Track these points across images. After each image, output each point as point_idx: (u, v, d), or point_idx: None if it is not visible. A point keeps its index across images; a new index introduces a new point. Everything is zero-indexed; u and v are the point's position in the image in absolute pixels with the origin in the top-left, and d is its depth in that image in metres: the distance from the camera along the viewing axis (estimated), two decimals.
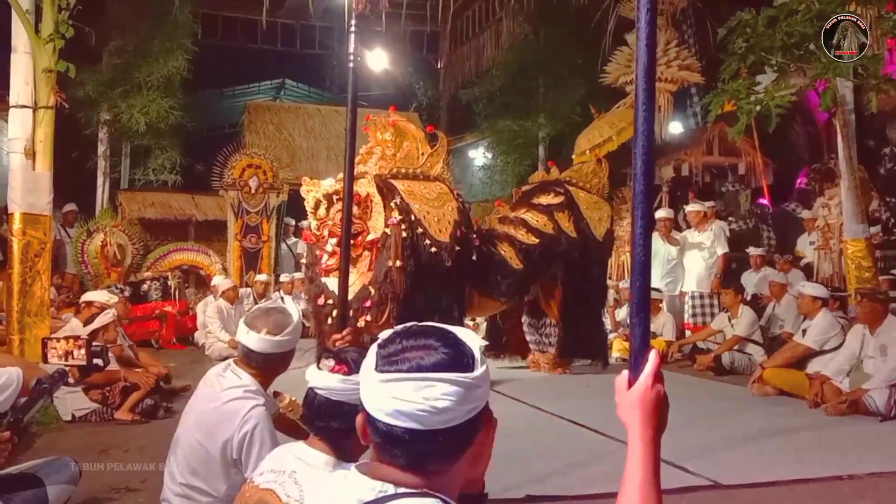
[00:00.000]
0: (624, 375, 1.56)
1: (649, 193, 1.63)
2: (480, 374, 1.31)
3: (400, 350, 1.33)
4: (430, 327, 1.39)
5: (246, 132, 13.90)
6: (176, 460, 2.92)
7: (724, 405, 6.63)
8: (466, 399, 1.29)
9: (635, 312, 1.60)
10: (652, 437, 1.51)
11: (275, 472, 2.15)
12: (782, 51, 7.61)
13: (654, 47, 1.67)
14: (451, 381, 1.27)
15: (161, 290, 11.46)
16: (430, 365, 1.29)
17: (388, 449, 1.32)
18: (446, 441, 1.29)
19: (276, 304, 3.03)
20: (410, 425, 1.28)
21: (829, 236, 9.32)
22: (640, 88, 1.65)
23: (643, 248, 1.62)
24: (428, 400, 1.26)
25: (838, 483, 4.26)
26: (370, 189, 6.78)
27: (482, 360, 1.34)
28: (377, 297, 6.58)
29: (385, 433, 1.31)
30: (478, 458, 1.38)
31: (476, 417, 1.32)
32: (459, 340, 1.35)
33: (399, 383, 1.28)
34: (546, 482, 4.27)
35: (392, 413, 1.28)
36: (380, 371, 1.32)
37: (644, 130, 1.64)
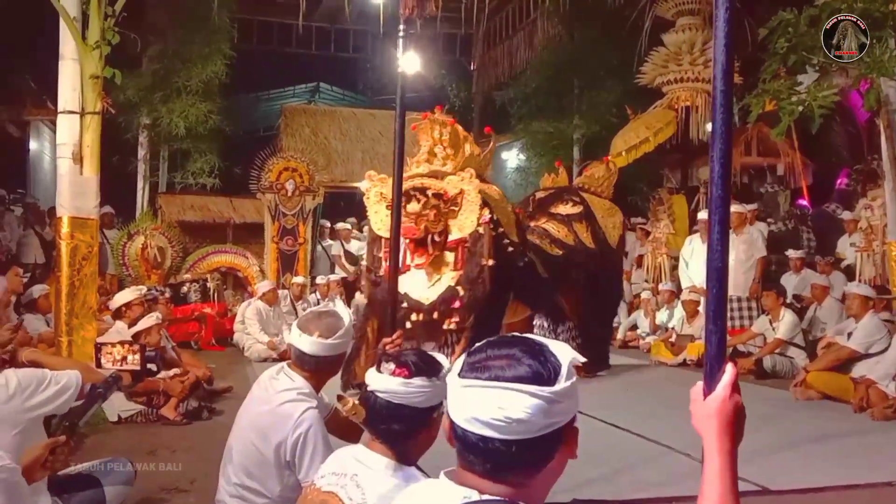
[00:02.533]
0: (699, 386, 1.55)
1: (727, 199, 1.62)
2: (562, 390, 1.31)
3: (484, 359, 1.35)
4: (521, 338, 1.40)
5: (282, 135, 14.04)
6: (230, 461, 2.95)
7: (768, 409, 6.54)
8: (545, 413, 1.29)
9: (711, 320, 1.60)
10: (729, 449, 1.50)
11: (336, 474, 2.17)
12: (823, 50, 7.51)
13: (731, 48, 1.65)
14: (529, 392, 1.28)
15: (200, 292, 11.58)
16: (510, 376, 1.30)
17: (465, 454, 1.35)
18: (522, 452, 1.30)
19: (327, 308, 3.06)
20: (485, 432, 1.30)
21: (872, 238, 9.16)
22: (717, 90, 1.64)
23: (720, 254, 1.61)
24: (503, 409, 1.28)
25: (888, 489, 4.20)
26: (465, 186, 6.50)
27: (569, 375, 1.34)
28: (467, 298, 6.35)
29: (461, 438, 1.34)
30: (557, 473, 1.39)
31: (557, 432, 1.32)
32: (547, 354, 1.35)
33: (477, 390, 1.31)
34: (592, 487, 4.24)
35: (469, 419, 1.31)
36: (462, 377, 1.35)
37: (721, 134, 1.63)
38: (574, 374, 1.36)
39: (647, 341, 10.38)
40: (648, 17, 12.74)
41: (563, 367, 1.34)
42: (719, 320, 1.59)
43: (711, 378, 1.55)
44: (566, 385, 1.32)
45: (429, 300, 6.40)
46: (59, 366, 3.08)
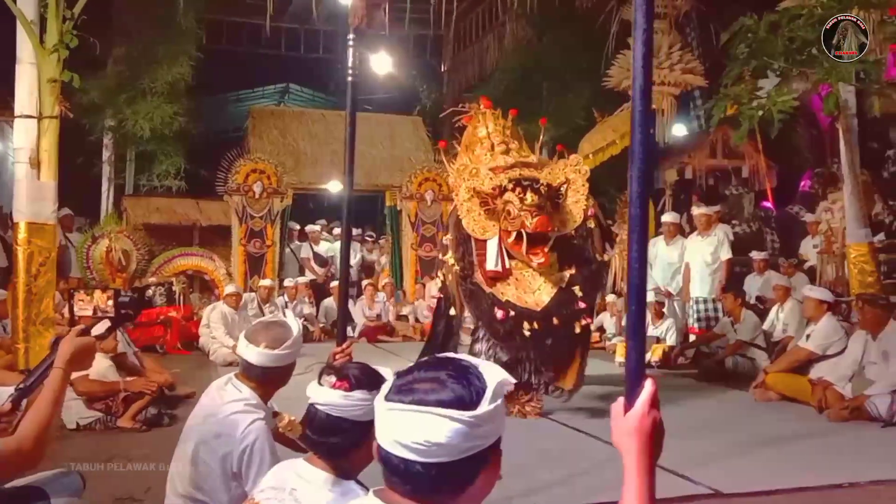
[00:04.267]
0: (619, 402, 1.57)
1: (645, 218, 1.65)
2: (484, 414, 1.31)
3: (411, 381, 1.36)
4: (450, 360, 1.41)
5: (250, 137, 13.93)
6: (178, 472, 2.94)
7: (727, 411, 6.63)
8: (466, 436, 1.29)
9: (630, 336, 1.61)
10: (648, 466, 1.51)
11: (275, 489, 2.17)
12: (785, 56, 7.61)
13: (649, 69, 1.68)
14: (450, 417, 1.29)
15: (166, 295, 11.48)
16: (433, 400, 1.30)
17: (388, 475, 1.37)
18: (443, 474, 1.31)
19: (276, 318, 3.04)
20: (406, 455, 1.30)
21: (833, 240, 9.31)
22: (635, 111, 1.67)
23: (639, 271, 1.63)
24: (424, 434, 1.28)
25: (839, 491, 4.27)
26: (571, 175, 6.02)
27: (493, 398, 1.33)
28: (589, 299, 5.96)
29: (385, 459, 1.35)
30: (481, 496, 1.39)
31: (479, 454, 1.33)
32: (473, 376, 1.35)
33: (399, 413, 1.32)
34: (549, 491, 4.28)
35: (391, 442, 1.32)
36: (387, 399, 1.35)
37: (640, 154, 1.66)
38: (500, 397, 1.36)
39: (613, 343, 10.46)
40: (615, 20, 12.82)
41: (488, 390, 1.34)
42: (638, 336, 1.61)
43: (631, 394, 1.56)
44: (489, 409, 1.32)
45: (540, 306, 5.90)
46: None
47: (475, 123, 6.85)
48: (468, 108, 7.21)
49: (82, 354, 2.30)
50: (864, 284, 7.78)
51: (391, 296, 12.98)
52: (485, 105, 6.99)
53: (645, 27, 1.67)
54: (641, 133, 1.64)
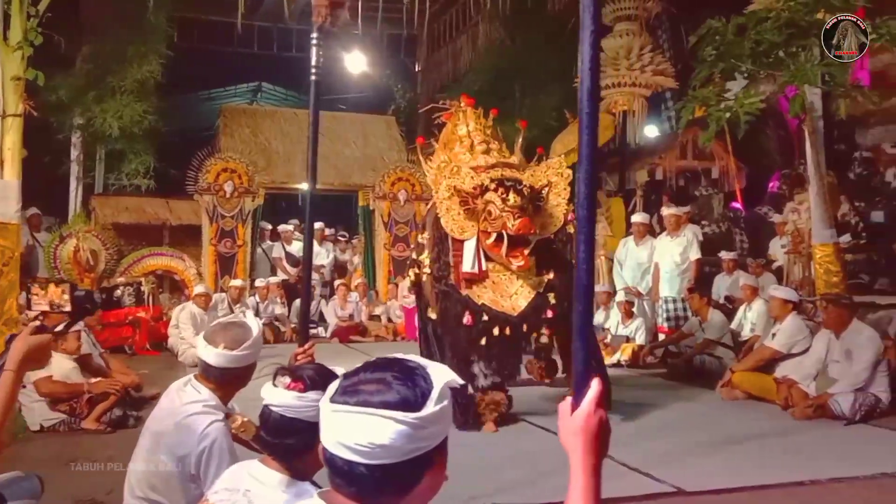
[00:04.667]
0: (567, 402, 1.57)
1: (592, 219, 1.65)
2: (429, 415, 1.30)
3: (357, 382, 1.34)
4: (396, 361, 1.40)
5: (221, 136, 13.81)
6: (135, 474, 2.91)
7: (693, 410, 6.69)
8: (410, 438, 1.29)
9: (577, 337, 1.62)
10: (594, 465, 1.51)
11: (229, 490, 2.15)
12: (752, 58, 7.69)
13: (597, 71, 1.69)
14: (394, 419, 1.28)
15: (134, 295, 11.38)
16: (377, 401, 1.30)
17: (333, 477, 1.36)
18: (387, 476, 1.30)
19: (236, 319, 3.02)
20: (350, 457, 1.30)
21: (799, 241, 9.41)
22: (583, 113, 1.68)
23: (586, 272, 1.64)
24: (367, 435, 1.28)
25: (800, 488, 4.32)
26: (554, 177, 5.89)
27: (439, 399, 1.33)
28: (561, 307, 5.70)
29: (329, 461, 1.35)
30: (427, 496, 1.39)
31: (424, 456, 1.33)
32: (420, 378, 1.35)
33: (344, 415, 1.31)
34: (515, 491, 4.29)
35: (335, 444, 1.32)
36: (332, 401, 1.34)
37: (588, 156, 1.67)
38: (446, 398, 1.35)
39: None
40: None
41: (434, 391, 1.33)
42: (585, 336, 1.61)
43: (578, 393, 1.57)
44: (434, 410, 1.31)
45: (516, 310, 5.77)
46: None
47: (455, 121, 6.70)
48: (448, 104, 7.05)
49: (37, 353, 2.24)
50: (830, 284, 7.86)
51: (364, 296, 12.96)
52: (466, 102, 6.85)
53: (592, 28, 1.69)
54: (589, 135, 1.65)
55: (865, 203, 10.25)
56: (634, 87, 12.41)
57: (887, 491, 4.30)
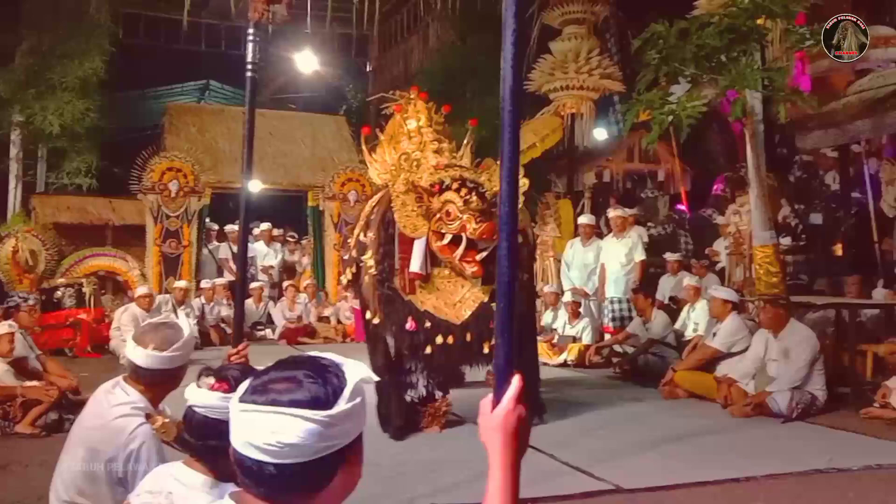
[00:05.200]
0: (488, 399, 1.57)
1: (514, 216, 1.65)
2: (340, 412, 1.29)
3: (267, 381, 1.32)
4: (308, 359, 1.38)
5: (166, 134, 13.57)
6: (61, 477, 2.84)
7: (636, 409, 6.77)
8: (321, 436, 1.27)
9: (499, 333, 1.61)
10: (512, 462, 1.51)
11: (151, 493, 2.11)
12: (694, 62, 7.82)
13: (519, 69, 1.69)
14: (303, 417, 1.26)
15: (75, 297, 11.13)
16: (286, 400, 1.28)
17: (243, 478, 1.33)
18: (297, 475, 1.28)
19: (167, 319, 2.97)
20: (259, 457, 1.27)
21: (741, 242, 9.61)
22: (505, 111, 1.68)
23: (508, 269, 1.63)
24: (276, 434, 1.26)
25: (735, 485, 4.40)
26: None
27: (352, 396, 1.31)
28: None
29: (239, 462, 1.32)
30: (342, 493, 1.38)
31: (336, 453, 1.31)
32: (332, 375, 1.33)
33: (252, 415, 1.29)
34: (455, 491, 4.28)
35: (243, 444, 1.29)
36: (241, 401, 1.32)
37: (509, 154, 1.67)
38: (359, 395, 1.34)
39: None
40: (536, 25, 13.00)
41: (346, 388, 1.32)
42: (507, 333, 1.61)
43: (499, 390, 1.56)
44: (346, 407, 1.30)
45: (460, 319, 5.54)
46: None
47: (404, 114, 6.43)
48: (398, 95, 6.84)
49: None
50: (769, 285, 8.02)
51: (313, 297, 12.86)
52: (417, 95, 6.60)
53: (514, 27, 1.68)
54: (511, 133, 1.65)
55: (805, 205, 10.50)
56: (582, 90, 12.51)
57: (818, 487, 4.40)
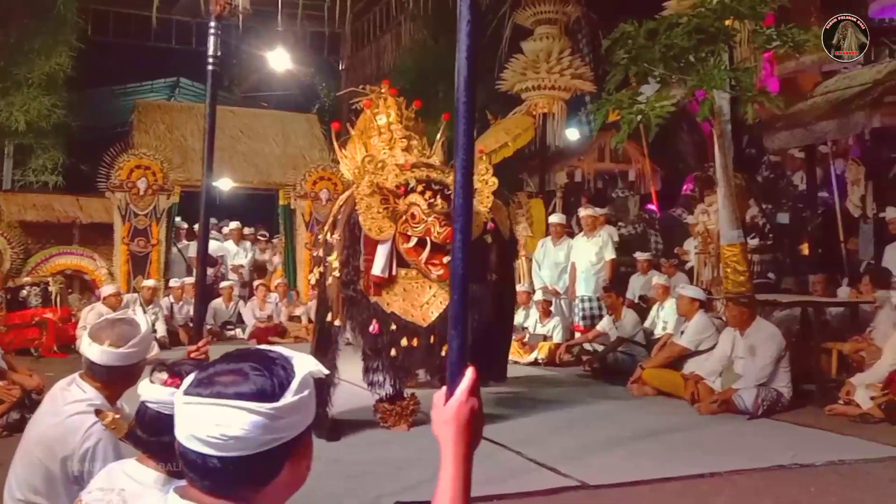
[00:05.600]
0: (442, 391, 1.55)
1: (469, 208, 1.64)
2: (286, 405, 1.27)
3: (212, 374, 1.31)
4: (254, 352, 1.36)
5: (135, 132, 13.40)
6: (16, 476, 2.80)
7: (605, 406, 6.80)
8: (266, 429, 1.26)
9: (453, 325, 1.60)
10: (464, 454, 1.50)
11: (103, 489, 2.08)
12: (663, 62, 7.87)
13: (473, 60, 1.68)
14: (248, 409, 1.25)
15: (41, 296, 10.94)
16: (231, 392, 1.26)
17: (187, 472, 1.32)
18: (242, 468, 1.27)
19: (124, 315, 2.93)
20: (203, 450, 1.26)
21: (709, 241, 9.69)
22: (459, 102, 1.67)
23: (462, 261, 1.62)
24: (220, 427, 1.24)
25: (699, 481, 4.44)
26: (478, 184, 5.56)
27: (299, 389, 1.30)
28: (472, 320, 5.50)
29: (183, 455, 1.31)
30: (290, 487, 1.36)
31: (282, 447, 1.29)
32: (279, 367, 1.32)
33: (196, 407, 1.27)
34: (419, 489, 4.27)
35: (187, 437, 1.28)
36: (185, 393, 1.30)
37: (464, 145, 1.65)
38: (307, 387, 1.32)
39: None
40: (508, 24, 13.03)
41: (294, 380, 1.30)
42: (460, 325, 1.60)
43: (453, 383, 1.55)
44: (292, 400, 1.28)
45: (427, 321, 5.53)
46: None
47: (374, 109, 6.38)
48: (368, 90, 6.77)
49: None
50: (737, 283, 8.08)
51: (284, 296, 12.77)
52: (388, 90, 6.57)
53: (469, 18, 1.68)
54: (465, 124, 1.64)
55: (773, 205, 10.62)
56: (554, 90, 12.55)
57: (781, 482, 4.44)
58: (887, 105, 8.58)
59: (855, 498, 4.18)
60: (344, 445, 5.33)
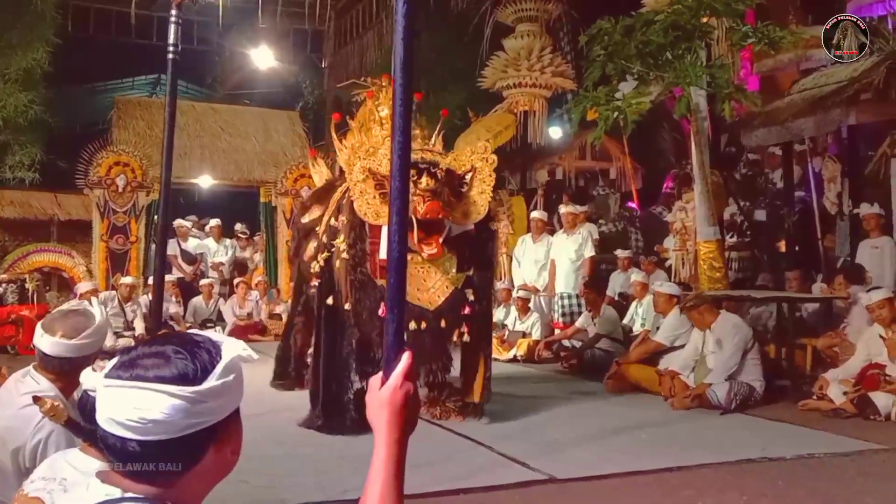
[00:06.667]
0: (377, 377, 1.54)
1: (405, 190, 1.63)
2: (208, 389, 1.26)
3: (135, 357, 1.29)
4: (180, 336, 1.36)
5: (114, 129, 13.33)
6: None
7: (579, 402, 6.80)
8: (187, 413, 1.24)
9: (390, 309, 1.59)
10: (397, 438, 1.49)
11: (45, 479, 2.05)
12: (639, 59, 7.89)
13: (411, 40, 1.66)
14: (167, 393, 1.23)
15: (18, 293, 10.86)
16: (151, 376, 1.25)
17: (108, 455, 1.31)
18: (162, 452, 1.26)
19: (78, 307, 2.89)
20: (122, 433, 1.25)
21: (686, 238, 9.72)
22: (397, 83, 1.65)
23: (398, 244, 1.61)
24: (139, 410, 1.23)
25: (668, 474, 4.44)
26: (478, 163, 5.59)
27: (223, 374, 1.29)
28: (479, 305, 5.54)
29: (103, 439, 1.30)
30: (215, 472, 1.35)
31: (205, 431, 1.28)
32: (204, 351, 1.30)
33: (116, 390, 1.26)
34: None
35: (107, 420, 1.27)
36: (106, 376, 1.29)
37: (401, 127, 1.64)
38: (234, 372, 1.31)
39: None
40: (489, 22, 13.01)
41: (219, 365, 1.29)
42: (397, 309, 1.59)
43: (388, 367, 1.54)
44: (216, 384, 1.27)
45: (434, 304, 5.48)
46: None
47: (376, 101, 6.38)
48: (370, 82, 6.76)
49: None
50: (713, 280, 8.14)
51: (264, 294, 12.72)
52: (389, 82, 6.43)
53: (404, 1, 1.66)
54: (402, 106, 1.62)
55: (750, 203, 10.66)
56: (535, 87, 12.55)
57: (749, 475, 4.45)
58: (863, 102, 8.62)
59: (822, 490, 4.19)
60: (316, 440, 5.32)
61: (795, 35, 8.10)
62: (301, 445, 5.19)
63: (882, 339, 6.28)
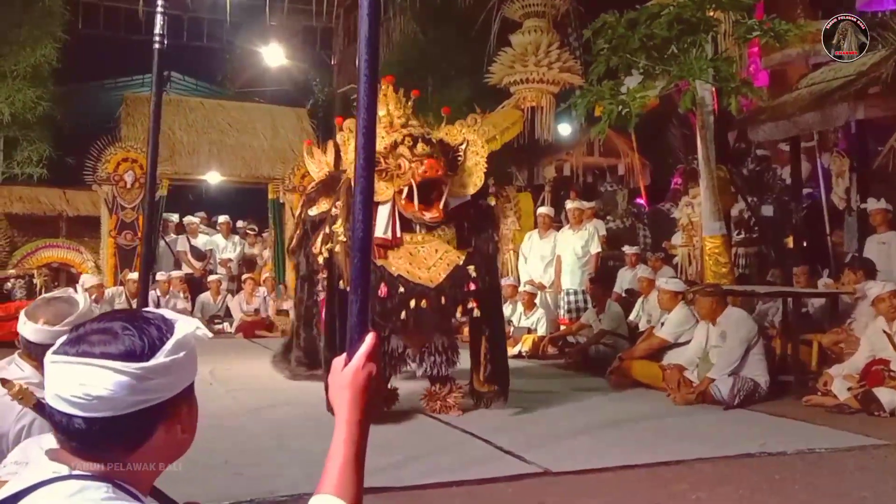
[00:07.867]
0: (340, 358, 1.52)
1: (370, 169, 1.61)
2: (156, 365, 1.25)
3: (83, 333, 1.28)
4: (129, 312, 1.35)
5: (123, 125, 13.39)
6: None
7: (582, 397, 6.75)
8: (133, 389, 1.23)
9: (353, 290, 1.57)
10: (359, 420, 1.46)
11: (17, 463, 2.03)
12: (644, 53, 7.84)
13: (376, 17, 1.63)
14: (113, 369, 1.22)
15: (26, 288, 10.96)
16: (98, 352, 1.24)
17: (55, 433, 1.29)
18: (109, 429, 1.24)
19: (62, 294, 2.89)
20: (68, 410, 1.23)
21: (693, 234, 9.66)
22: (361, 60, 1.63)
23: (363, 223, 1.59)
24: (84, 386, 1.22)
25: (663, 468, 4.40)
26: (470, 135, 5.66)
27: (173, 350, 1.28)
28: (482, 281, 5.45)
29: (50, 416, 1.28)
30: (167, 452, 1.34)
31: (153, 409, 1.27)
32: (154, 328, 1.29)
33: (62, 366, 1.25)
34: (380, 475, 4.23)
35: (53, 396, 1.25)
36: (53, 352, 1.28)
37: (366, 104, 1.61)
38: (185, 349, 1.30)
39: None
40: (497, 18, 12.98)
41: (169, 342, 1.28)
42: (361, 289, 1.56)
43: (352, 348, 1.52)
44: (164, 361, 1.26)
45: (434, 282, 5.39)
46: None
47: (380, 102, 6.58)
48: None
49: None
50: (718, 275, 8.08)
51: (272, 290, 12.76)
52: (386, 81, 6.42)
53: None
54: (367, 82, 1.60)
55: (758, 198, 10.58)
56: (542, 83, 12.51)
57: (746, 469, 4.41)
58: (872, 97, 8.54)
59: (819, 484, 4.14)
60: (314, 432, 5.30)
61: (801, 28, 8.00)
62: (296, 439, 5.19)
63: (886, 335, 6.21)
